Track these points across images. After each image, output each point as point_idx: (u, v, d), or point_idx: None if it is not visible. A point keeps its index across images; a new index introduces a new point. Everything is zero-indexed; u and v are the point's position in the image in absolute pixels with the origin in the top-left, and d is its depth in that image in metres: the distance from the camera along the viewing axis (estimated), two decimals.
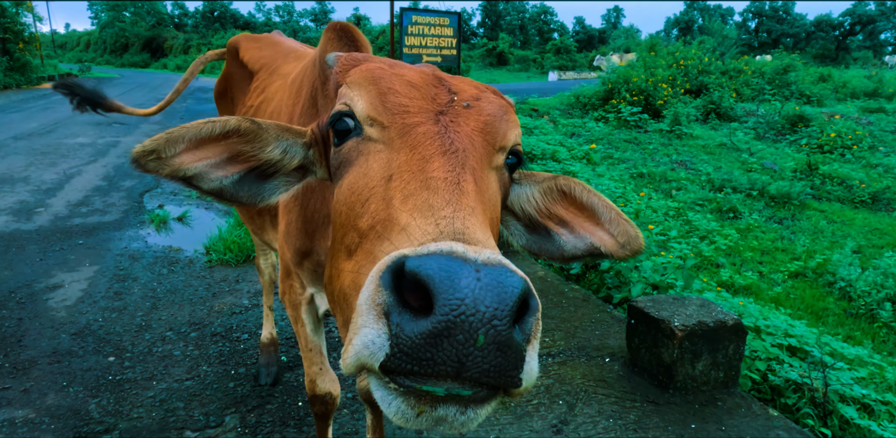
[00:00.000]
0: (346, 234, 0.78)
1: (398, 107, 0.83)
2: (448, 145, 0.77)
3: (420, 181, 0.72)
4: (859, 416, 3.00)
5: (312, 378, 1.74)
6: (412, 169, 0.74)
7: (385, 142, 0.81)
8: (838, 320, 5.09)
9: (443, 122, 0.82)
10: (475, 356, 0.52)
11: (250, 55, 2.19)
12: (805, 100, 16.28)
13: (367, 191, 0.77)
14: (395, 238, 0.66)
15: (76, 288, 3.43)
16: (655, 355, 2.38)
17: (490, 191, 0.84)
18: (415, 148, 0.77)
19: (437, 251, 0.55)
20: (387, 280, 0.55)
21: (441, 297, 0.51)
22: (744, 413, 2.27)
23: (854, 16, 56.32)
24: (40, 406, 2.25)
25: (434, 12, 13.51)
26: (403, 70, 0.91)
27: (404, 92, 0.84)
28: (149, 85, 24.44)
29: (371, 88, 0.86)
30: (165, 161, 0.88)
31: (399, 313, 0.54)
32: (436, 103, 0.85)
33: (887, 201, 8.35)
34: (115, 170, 6.93)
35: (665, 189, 8.43)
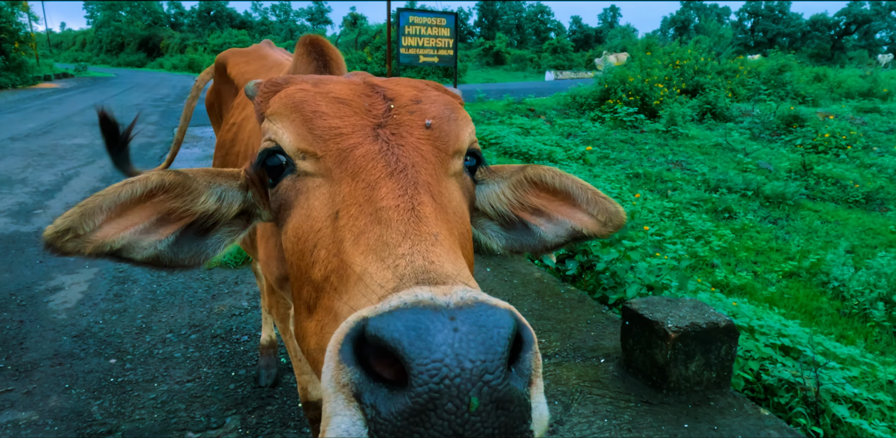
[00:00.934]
0: (302, 288, 0.70)
1: (329, 131, 0.74)
2: (394, 164, 0.69)
3: (369, 214, 0.63)
4: (851, 415, 3.05)
5: (304, 386, 1.77)
6: (358, 200, 0.66)
7: (323, 175, 0.73)
8: (832, 320, 5.14)
9: (383, 137, 0.73)
10: (473, 423, 0.43)
11: (237, 70, 2.15)
12: (800, 100, 16.37)
13: (314, 234, 0.69)
14: (352, 291, 0.57)
15: (76, 290, 3.46)
16: (649, 356, 2.42)
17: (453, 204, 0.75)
18: (356, 174, 0.68)
19: (399, 305, 0.47)
20: (347, 353, 0.47)
21: (415, 364, 0.43)
22: (736, 413, 2.32)
23: (849, 15, 56.53)
24: (43, 408, 2.28)
25: (431, 13, 13.55)
26: (329, 86, 0.81)
27: (333, 111, 0.76)
28: (145, 85, 24.39)
29: (295, 116, 0.77)
30: (85, 238, 0.76)
31: (371, 392, 0.46)
32: (371, 116, 0.77)
33: (881, 201, 8.42)
34: (113, 172, 6.94)
35: (661, 189, 8.48)
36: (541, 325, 3.07)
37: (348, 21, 61.81)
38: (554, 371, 2.60)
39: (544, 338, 2.93)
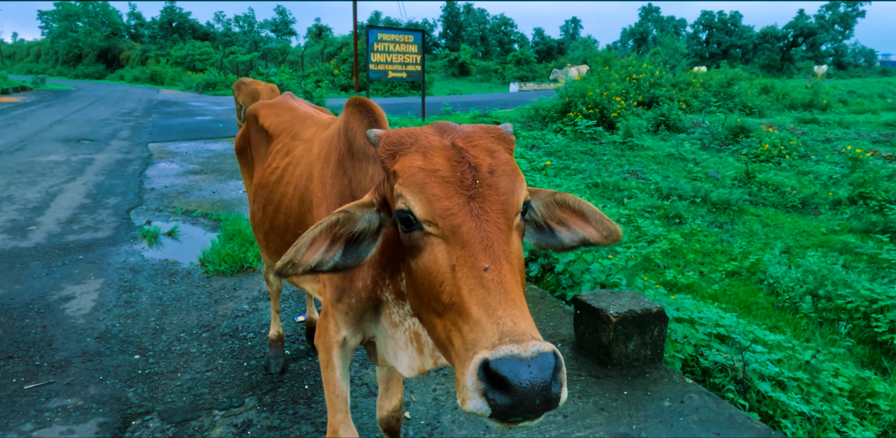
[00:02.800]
0: (431, 301, 1.08)
1: (444, 212, 1.06)
2: (485, 240, 1.03)
3: (476, 278, 1.00)
4: (773, 390, 3.60)
5: (335, 428, 1.78)
6: (468, 263, 1.02)
7: (441, 237, 1.07)
8: (766, 313, 5.71)
9: (475, 212, 1.06)
10: (536, 407, 0.89)
11: (269, 121, 2.51)
12: (748, 111, 17.40)
13: (440, 274, 1.05)
14: (473, 329, 0.97)
15: (88, 298, 3.81)
16: (596, 338, 2.94)
17: (516, 253, 1.10)
18: (464, 245, 1.04)
19: (503, 356, 0.89)
20: (481, 375, 0.90)
21: (513, 387, 0.88)
22: (666, 382, 2.85)
23: (796, 28, 59.46)
24: (85, 395, 2.65)
25: (398, 30, 14.08)
26: (434, 160, 1.12)
27: (443, 193, 1.07)
28: (109, 98, 24.21)
29: (420, 197, 1.09)
30: (298, 264, 1.17)
31: (492, 392, 0.90)
32: (464, 188, 1.08)
33: (815, 206, 9.21)
34: (97, 188, 7.20)
35: (618, 197, 9.12)
36: None
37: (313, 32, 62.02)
38: None
39: None
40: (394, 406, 2.03)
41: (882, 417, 3.51)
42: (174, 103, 21.76)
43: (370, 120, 1.68)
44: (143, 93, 28.91)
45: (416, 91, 27.93)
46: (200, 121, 15.25)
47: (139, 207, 6.33)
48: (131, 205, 6.39)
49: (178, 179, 7.87)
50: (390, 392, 2.02)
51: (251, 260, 4.44)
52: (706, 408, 2.67)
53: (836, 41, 61.47)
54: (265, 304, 3.76)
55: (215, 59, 44.13)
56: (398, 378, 2.02)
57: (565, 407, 2.63)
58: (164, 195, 6.91)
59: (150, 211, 6.21)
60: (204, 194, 6.99)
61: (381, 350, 1.68)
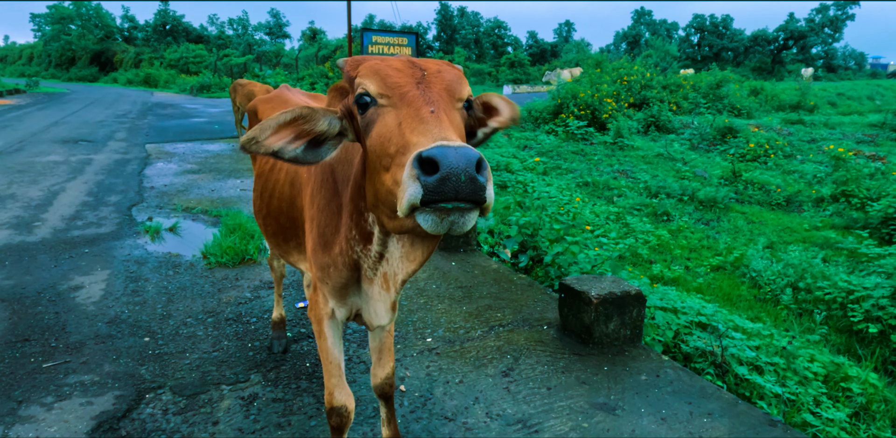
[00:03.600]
0: (381, 160, 1.23)
1: (394, 85, 1.27)
2: (428, 99, 1.23)
3: (417, 119, 1.18)
4: (750, 374, 3.80)
5: (331, 391, 1.95)
6: (411, 115, 1.20)
7: (391, 106, 1.26)
8: (749, 304, 5.92)
9: (421, 88, 1.27)
10: (462, 186, 1.01)
11: (266, 115, 2.65)
12: (736, 112, 17.71)
13: (388, 132, 1.22)
14: (411, 150, 1.12)
15: (96, 288, 3.98)
16: (579, 319, 3.14)
17: (457, 121, 1.29)
18: (410, 104, 1.23)
19: (435, 145, 1.04)
20: (415, 163, 1.04)
21: (441, 163, 1.01)
22: (643, 359, 3.05)
23: (787, 31, 60.06)
24: (101, 372, 2.83)
25: (393, 32, 14.31)
26: (390, 61, 1.34)
27: (395, 75, 1.28)
28: (104, 100, 24.30)
29: (375, 77, 1.29)
30: (261, 143, 1.34)
31: (423, 176, 1.03)
32: (414, 78, 1.29)
33: (799, 203, 9.47)
34: (98, 187, 7.37)
35: (607, 196, 9.35)
36: (497, 304, 3.77)
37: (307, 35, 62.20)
38: (507, 336, 3.30)
39: (500, 313, 3.63)
40: (386, 373, 2.21)
41: (854, 399, 3.71)
42: (169, 105, 21.89)
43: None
44: (138, 95, 29.01)
45: None
46: (196, 123, 15.40)
47: (140, 204, 6.50)
48: (132, 203, 6.55)
49: (177, 178, 8.03)
50: (383, 362, 2.21)
51: (252, 252, 4.63)
52: (679, 381, 2.88)
53: (826, 44, 62.13)
54: (266, 292, 3.95)
55: (209, 61, 44.22)
56: (389, 347, 2.21)
57: (549, 381, 2.83)
58: (164, 193, 7.08)
59: (151, 208, 6.38)
60: (203, 192, 7.16)
61: (367, 315, 1.85)
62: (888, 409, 3.68)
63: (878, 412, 3.64)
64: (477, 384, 2.80)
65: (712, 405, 2.67)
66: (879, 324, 4.94)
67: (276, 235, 2.33)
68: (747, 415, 2.59)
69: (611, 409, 2.59)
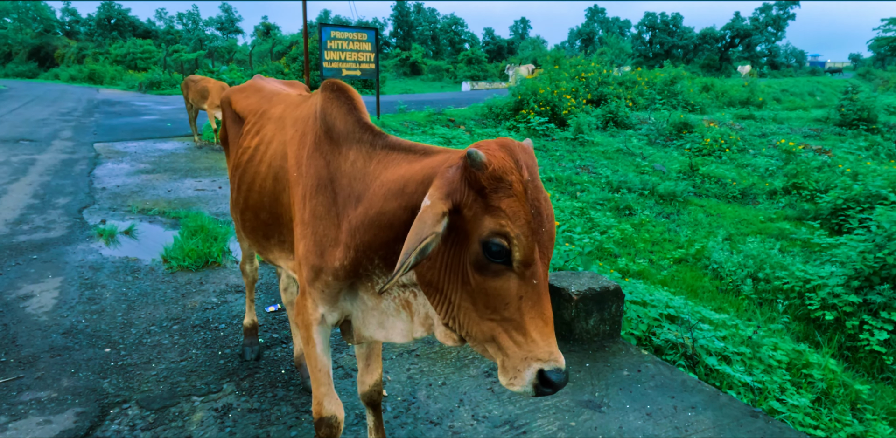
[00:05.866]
0: (487, 309, 1.30)
1: (532, 260, 1.25)
2: (545, 282, 1.29)
3: (537, 310, 1.28)
4: (719, 364, 3.87)
5: (320, 400, 1.85)
6: (532, 298, 1.27)
7: (519, 275, 1.27)
8: (711, 295, 6.06)
9: (542, 260, 1.28)
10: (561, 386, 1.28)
11: (241, 105, 2.55)
12: (690, 108, 18.20)
13: (508, 298, 1.27)
14: (528, 342, 1.27)
15: (48, 296, 3.74)
16: (558, 316, 3.12)
17: None
18: (534, 287, 1.27)
19: (553, 369, 1.25)
20: (535, 378, 1.26)
21: (555, 385, 1.26)
22: (624, 354, 3.06)
23: (733, 29, 62.13)
24: (58, 387, 2.65)
25: (352, 28, 14.05)
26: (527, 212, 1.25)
27: (531, 245, 1.25)
28: (46, 97, 23.14)
29: (522, 246, 1.24)
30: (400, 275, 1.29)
31: (542, 386, 1.26)
32: (539, 238, 1.27)
33: (753, 196, 9.78)
34: (44, 188, 6.96)
35: (571, 191, 9.44)
36: None
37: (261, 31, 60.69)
38: None
39: None
40: (375, 380, 2.12)
41: (815, 385, 3.82)
42: (117, 103, 21.00)
43: (349, 106, 1.75)
44: (82, 92, 27.73)
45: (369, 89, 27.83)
46: (147, 121, 14.81)
47: (92, 207, 6.17)
48: (83, 205, 6.22)
49: (130, 179, 7.68)
50: (371, 368, 2.12)
51: (216, 255, 4.44)
52: (661, 376, 2.89)
53: (769, 42, 64.62)
54: (234, 297, 3.79)
55: (158, 57, 42.67)
56: (377, 353, 2.12)
57: None
58: (117, 194, 6.75)
59: (104, 210, 6.06)
60: (159, 193, 6.86)
61: (357, 325, 1.75)
62: (847, 393, 3.80)
63: (839, 396, 3.77)
64: (460, 385, 2.74)
65: (695, 398, 2.69)
66: (835, 312, 5.12)
67: (254, 231, 2.19)
68: (729, 407, 2.61)
69: (596, 406, 2.57)
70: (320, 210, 1.67)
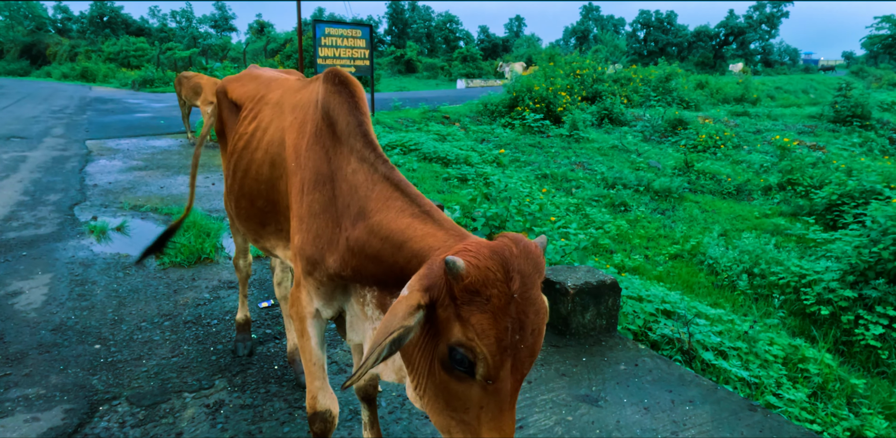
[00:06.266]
0: (448, 406, 1.22)
1: (497, 376, 1.15)
2: (513, 392, 1.18)
3: (496, 422, 1.17)
4: (715, 358, 3.85)
5: (314, 394, 1.81)
6: (493, 411, 1.17)
7: (481, 386, 1.17)
8: (707, 291, 6.05)
9: (514, 372, 1.17)
10: None
11: (238, 93, 2.48)
12: (685, 105, 18.20)
13: (468, 403, 1.19)
14: None
15: (37, 293, 3.69)
16: (555, 310, 3.09)
17: None
18: (497, 399, 1.17)
19: None
20: None
21: None
22: (621, 349, 3.03)
23: (727, 27, 62.21)
24: (47, 384, 2.60)
25: (346, 24, 13.98)
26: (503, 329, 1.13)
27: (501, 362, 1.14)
28: (37, 95, 22.94)
29: (487, 362, 1.14)
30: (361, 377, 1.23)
31: None
32: (513, 349, 1.15)
33: (748, 192, 9.79)
34: (34, 185, 6.89)
35: (566, 187, 9.42)
36: None
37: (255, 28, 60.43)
38: None
39: None
40: (371, 374, 2.08)
41: (812, 380, 3.81)
42: (109, 100, 20.86)
43: (351, 104, 1.68)
44: (75, 90, 27.52)
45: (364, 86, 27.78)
46: (140, 118, 14.71)
47: (83, 203, 6.11)
48: (74, 201, 6.15)
49: (123, 175, 7.61)
50: None
51: (209, 250, 4.39)
52: (658, 370, 2.87)
53: (763, 40, 64.76)
54: (226, 293, 3.74)
55: (151, 55, 42.41)
56: None
57: (529, 374, 2.77)
58: (109, 191, 6.68)
59: (96, 206, 6.00)
60: (151, 189, 6.80)
61: (347, 327, 1.71)
62: (843, 388, 3.80)
63: (835, 391, 3.76)
64: None
65: (692, 392, 2.67)
66: (830, 307, 5.12)
67: (250, 219, 2.14)
68: (727, 401, 2.59)
69: (593, 401, 2.55)
70: (317, 207, 1.62)
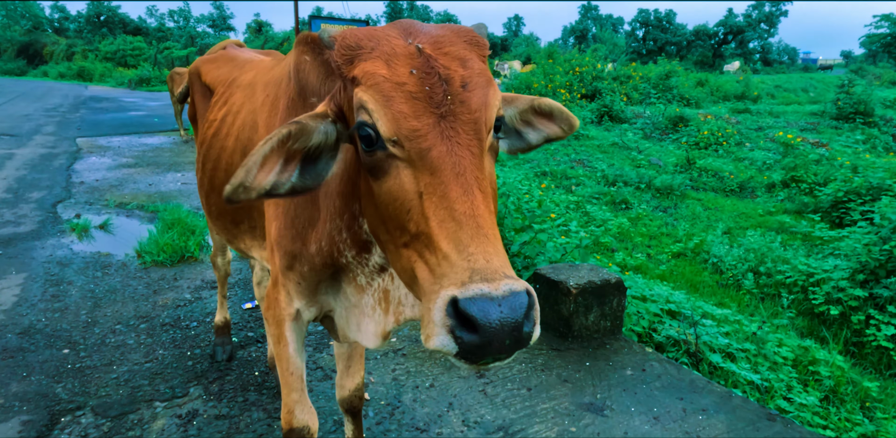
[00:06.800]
0: (395, 229, 0.98)
1: (412, 133, 0.93)
2: (457, 166, 0.93)
3: (446, 209, 0.90)
4: (723, 361, 3.68)
5: (290, 408, 1.61)
6: (437, 192, 0.91)
7: (408, 161, 0.95)
8: (712, 290, 5.88)
9: (446, 134, 0.94)
10: (506, 348, 0.82)
11: (211, 76, 2.28)
12: (685, 102, 18.02)
13: (407, 202, 0.95)
14: (441, 264, 0.88)
15: (9, 293, 3.48)
16: (556, 311, 2.90)
17: (488, 175, 0.99)
18: (434, 172, 0.92)
19: (474, 295, 0.81)
20: (449, 311, 0.82)
21: (481, 328, 0.80)
22: (626, 352, 2.84)
23: (726, 26, 62.11)
24: (6, 393, 2.40)
25: (342, 21, 13.78)
26: (401, 74, 0.96)
27: (411, 111, 0.94)
28: (32, 94, 22.74)
29: (386, 111, 0.95)
30: (251, 187, 1.01)
31: (459, 330, 0.82)
32: (434, 105, 0.94)
33: (751, 189, 9.60)
34: (18, 183, 6.69)
35: (566, 185, 9.23)
36: None
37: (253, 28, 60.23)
38: None
39: None
40: (356, 384, 1.89)
41: (823, 383, 3.64)
42: (104, 99, 20.65)
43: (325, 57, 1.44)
44: (70, 89, 27.32)
45: None
46: (134, 116, 14.51)
47: (67, 201, 5.90)
48: (58, 199, 5.95)
49: (111, 173, 7.41)
50: (352, 370, 1.88)
51: (193, 249, 4.19)
52: (667, 375, 2.67)
53: (762, 39, 64.63)
54: (209, 293, 3.55)
55: (149, 54, 42.26)
56: (360, 353, 1.88)
57: (529, 381, 2.57)
58: (95, 188, 6.48)
59: (80, 204, 5.80)
60: (139, 186, 6.60)
61: (341, 323, 1.52)
62: (856, 391, 3.63)
63: (847, 394, 3.60)
64: (449, 388, 2.51)
65: (705, 400, 2.48)
66: (840, 306, 4.94)
67: (222, 216, 1.95)
68: (743, 409, 2.40)
69: (598, 410, 2.35)
70: None
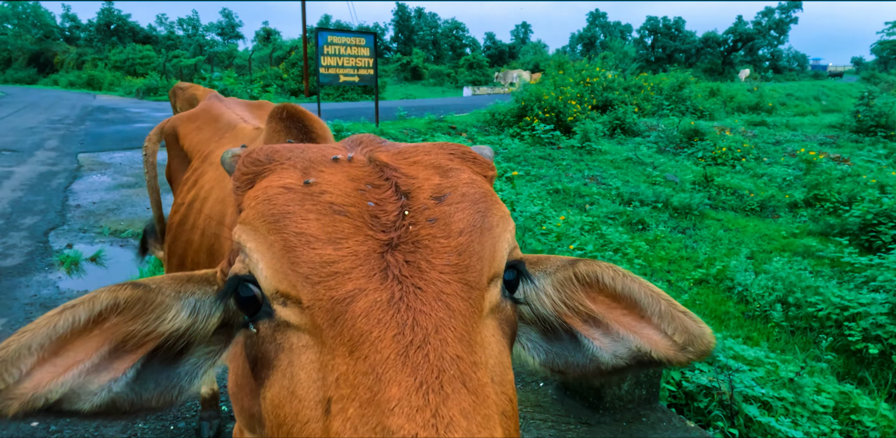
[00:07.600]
0: None
1: (318, 269, 0.54)
2: (409, 331, 0.50)
3: (372, 428, 0.47)
4: (760, 413, 3.35)
5: None
6: (359, 395, 0.48)
7: (311, 333, 0.54)
8: (738, 322, 5.56)
9: (394, 272, 0.54)
10: None
11: (189, 141, 1.93)
12: (699, 114, 17.70)
13: (299, 424, 0.52)
14: None
15: None
16: None
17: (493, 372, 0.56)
18: (356, 346, 0.50)
19: None
20: None
21: None
22: (665, 427, 2.52)
23: (736, 33, 61.77)
24: None
25: (349, 32, 13.59)
26: (323, 177, 0.61)
27: (325, 231, 0.55)
28: (40, 104, 22.73)
29: (273, 239, 0.57)
30: (9, 392, 0.56)
31: None
32: (379, 229, 0.57)
33: (773, 209, 9.25)
34: (12, 206, 6.45)
35: (579, 204, 8.91)
36: None
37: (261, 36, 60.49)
38: None
39: None
40: None
41: (868, 436, 3.33)
42: (111, 110, 20.58)
43: (302, 137, 1.16)
44: (78, 98, 27.35)
45: (368, 95, 27.46)
46: (139, 129, 14.34)
47: (60, 228, 5.65)
48: (51, 226, 5.70)
49: (109, 194, 7.17)
50: None
51: None
52: None
53: (772, 46, 64.23)
54: None
55: (157, 63, 42.43)
56: None
57: None
58: (91, 213, 6.23)
59: (73, 232, 5.54)
60: (137, 210, 6.34)
61: None
62: None
63: None
64: None
65: None
66: (880, 344, 4.60)
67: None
68: None
69: None
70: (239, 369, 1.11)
